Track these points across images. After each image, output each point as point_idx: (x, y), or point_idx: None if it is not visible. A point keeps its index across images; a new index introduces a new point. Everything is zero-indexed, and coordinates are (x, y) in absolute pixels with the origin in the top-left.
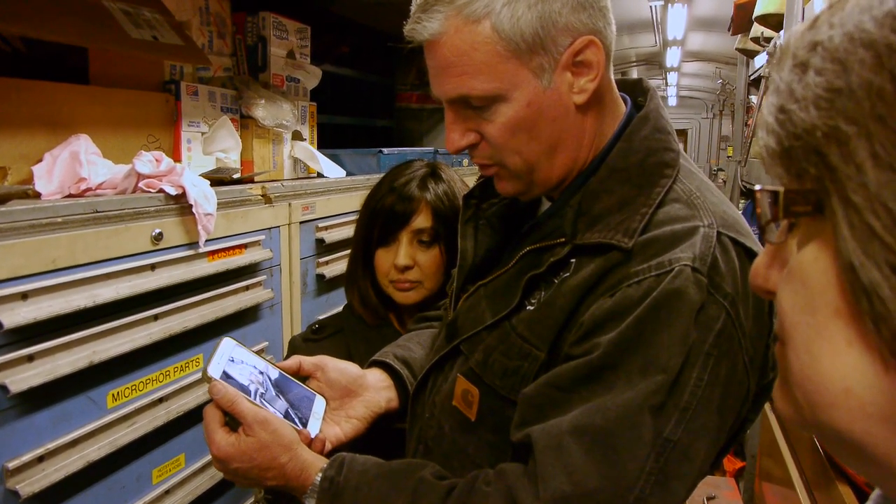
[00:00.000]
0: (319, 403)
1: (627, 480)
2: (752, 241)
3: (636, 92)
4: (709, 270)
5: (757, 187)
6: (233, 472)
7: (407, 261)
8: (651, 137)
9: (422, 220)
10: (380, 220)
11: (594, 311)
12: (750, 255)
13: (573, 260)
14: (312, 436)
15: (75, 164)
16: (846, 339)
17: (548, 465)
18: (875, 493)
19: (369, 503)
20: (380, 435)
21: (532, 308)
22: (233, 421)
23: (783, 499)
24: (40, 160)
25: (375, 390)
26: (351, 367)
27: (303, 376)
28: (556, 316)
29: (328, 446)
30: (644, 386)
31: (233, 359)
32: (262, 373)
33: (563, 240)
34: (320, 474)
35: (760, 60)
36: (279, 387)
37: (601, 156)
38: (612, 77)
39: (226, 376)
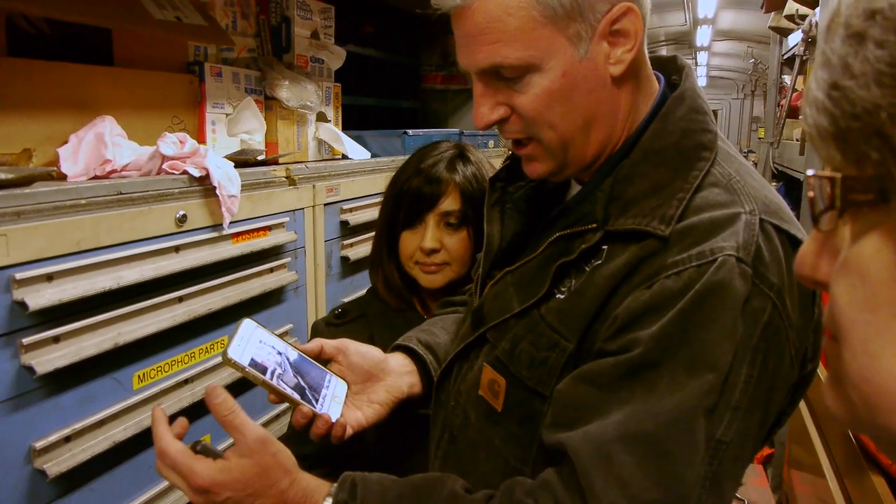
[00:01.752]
0: (340, 387)
1: (685, 488)
2: (795, 227)
3: (670, 70)
4: (753, 260)
5: (810, 172)
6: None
7: (434, 244)
8: (687, 118)
9: (450, 203)
10: (406, 202)
11: (630, 303)
12: (794, 242)
13: (605, 247)
14: (333, 419)
15: (100, 145)
16: None
17: (597, 479)
18: None
19: None
20: (402, 420)
21: (562, 297)
22: (204, 449)
23: (812, 487)
24: (65, 142)
25: (398, 375)
26: (373, 351)
27: (324, 360)
28: (587, 306)
29: (349, 430)
30: (695, 386)
31: (252, 340)
32: (280, 353)
33: (595, 225)
34: (329, 499)
35: (794, 39)
36: (298, 368)
37: (634, 137)
38: (647, 52)
39: (245, 357)
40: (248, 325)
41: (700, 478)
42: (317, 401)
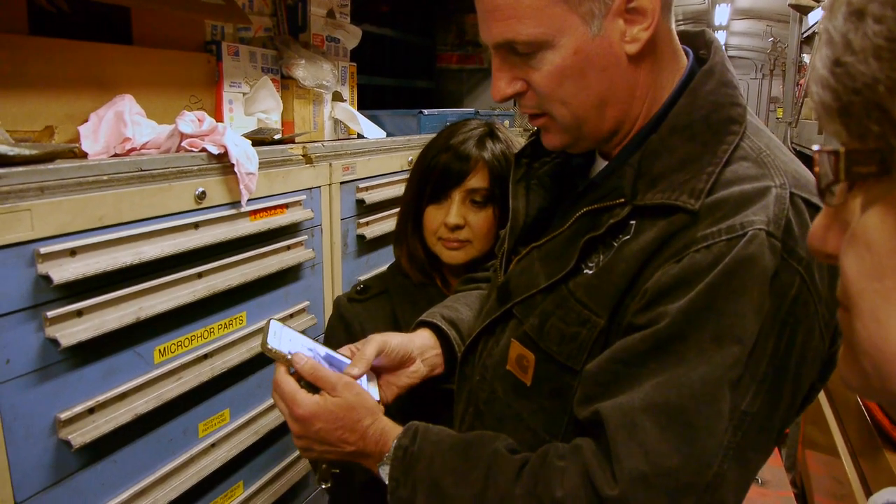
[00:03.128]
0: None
1: (706, 457)
2: None
3: (698, 44)
4: (783, 234)
5: (815, 147)
6: (314, 433)
7: (458, 220)
8: (717, 92)
9: (477, 180)
10: (433, 177)
11: (659, 277)
12: None
13: (633, 222)
14: (376, 399)
15: (120, 124)
16: None
17: (622, 445)
18: None
19: (444, 474)
20: (426, 396)
21: (590, 272)
22: (308, 386)
23: (826, 466)
24: (86, 120)
25: (422, 360)
26: (397, 344)
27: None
28: (617, 282)
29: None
30: (720, 358)
31: (282, 335)
32: (310, 350)
33: (623, 200)
34: (395, 441)
35: (815, 16)
36: (328, 359)
37: (662, 112)
38: (673, 27)
39: (283, 347)
40: (275, 324)
41: (722, 447)
42: None
